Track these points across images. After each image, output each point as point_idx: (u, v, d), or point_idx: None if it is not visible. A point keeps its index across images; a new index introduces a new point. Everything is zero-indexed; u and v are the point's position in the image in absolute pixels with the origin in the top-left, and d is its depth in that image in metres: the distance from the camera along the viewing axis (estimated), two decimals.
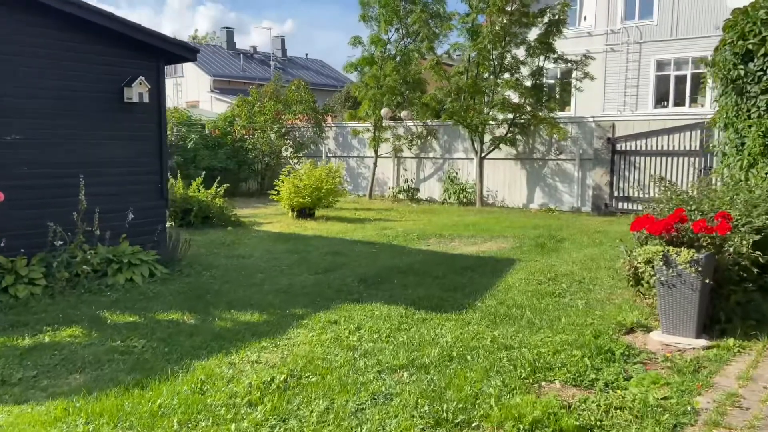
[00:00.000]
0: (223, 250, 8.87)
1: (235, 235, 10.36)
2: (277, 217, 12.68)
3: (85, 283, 6.23)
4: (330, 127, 18.26)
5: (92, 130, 6.70)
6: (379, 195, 17.06)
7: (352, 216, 12.97)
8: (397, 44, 16.05)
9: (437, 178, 16.14)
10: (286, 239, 9.87)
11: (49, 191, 6.36)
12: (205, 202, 11.18)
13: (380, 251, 8.84)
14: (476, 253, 8.74)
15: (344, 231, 10.76)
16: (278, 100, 17.85)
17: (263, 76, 36.52)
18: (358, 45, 16.13)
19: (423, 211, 14.01)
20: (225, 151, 17.05)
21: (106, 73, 6.76)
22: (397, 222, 12.09)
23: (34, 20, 6.10)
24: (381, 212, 13.76)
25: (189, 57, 7.38)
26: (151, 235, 7.25)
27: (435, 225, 11.55)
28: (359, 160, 17.70)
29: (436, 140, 16.07)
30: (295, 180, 11.97)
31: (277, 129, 17.60)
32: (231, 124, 17.72)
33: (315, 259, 8.27)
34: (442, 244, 9.49)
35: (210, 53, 40.39)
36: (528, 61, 14.39)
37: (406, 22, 15.80)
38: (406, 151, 16.56)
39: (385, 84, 15.58)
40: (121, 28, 6.64)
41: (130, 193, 7.10)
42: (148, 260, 6.84)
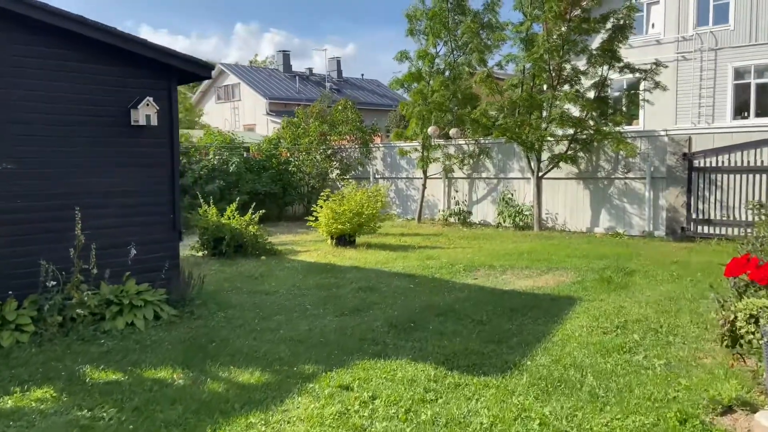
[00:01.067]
0: (248, 285, 8.12)
1: (267, 266, 9.62)
2: (315, 244, 11.90)
3: (79, 328, 5.56)
4: (377, 147, 17.48)
5: (95, 156, 6.10)
6: (428, 218, 16.06)
7: (396, 243, 12.03)
8: (446, 58, 15.13)
9: (491, 199, 15.00)
10: (319, 271, 9.03)
11: (44, 225, 5.76)
12: (238, 230, 10.53)
13: (419, 286, 7.84)
14: (530, 289, 7.60)
15: (384, 261, 9.83)
16: (324, 120, 17.24)
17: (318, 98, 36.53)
18: (405, 60, 15.34)
19: (474, 237, 12.90)
20: (269, 175, 16.54)
21: (111, 93, 6.16)
22: (445, 249, 11.05)
23: (29, 38, 5.56)
24: (428, 238, 12.76)
25: (203, 74, 6.73)
26: (162, 272, 6.56)
27: (486, 253, 10.44)
28: (408, 181, 16.80)
29: (489, 159, 14.97)
30: (334, 205, 11.17)
31: (323, 150, 16.97)
32: (276, 146, 17.24)
33: (345, 296, 7.37)
34: (492, 278, 8.39)
35: (266, 76, 40.87)
36: (590, 71, 13.14)
37: (455, 35, 14.88)
38: (457, 171, 15.53)
39: (432, 100, 14.65)
40: (126, 44, 6.04)
41: (138, 226, 6.45)
42: (153, 301, 6.13)
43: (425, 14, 14.90)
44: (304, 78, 42.61)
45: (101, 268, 5.97)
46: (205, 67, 6.65)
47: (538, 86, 13.58)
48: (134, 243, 6.36)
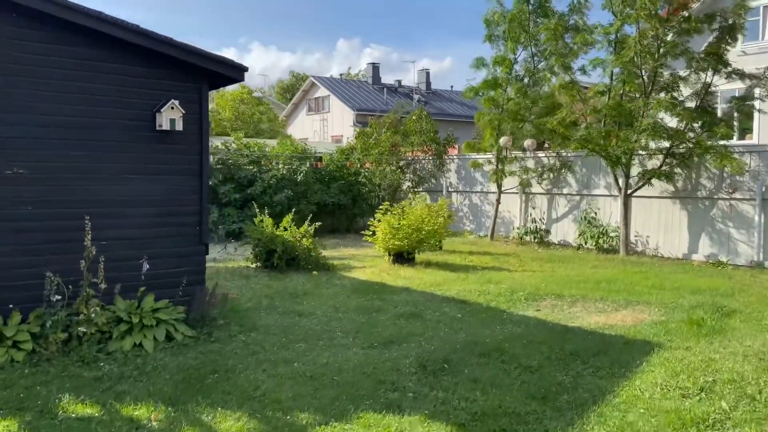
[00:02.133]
0: (286, 303, 7.54)
1: (315, 282, 9.04)
2: (373, 260, 11.20)
3: (83, 348, 5.16)
4: (451, 159, 16.58)
5: (115, 162, 5.74)
6: (503, 236, 14.93)
7: (459, 262, 11.09)
8: (525, 64, 14.03)
9: (572, 218, 13.66)
10: (366, 291, 8.31)
11: (57, 235, 5.44)
12: (290, 242, 10.04)
13: (469, 316, 6.91)
14: (599, 327, 6.45)
15: (439, 283, 8.94)
16: (396, 130, 16.59)
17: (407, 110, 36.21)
18: (481, 67, 14.37)
19: (549, 259, 11.68)
20: (339, 186, 16.10)
21: (135, 96, 5.80)
22: (511, 272, 9.98)
23: (44, 36, 5.28)
24: (497, 258, 11.69)
25: (236, 77, 6.24)
26: (185, 287, 6.09)
27: (557, 279, 9.28)
28: (482, 195, 15.75)
29: (572, 174, 13.64)
30: (392, 219, 10.43)
31: (395, 161, 16.30)
32: (348, 156, 16.80)
33: (382, 323, 6.59)
34: (557, 310, 7.29)
35: (355, 88, 41.15)
36: (690, 77, 11.58)
37: (537, 39, 13.74)
38: (535, 186, 14.31)
39: (507, 108, 13.59)
40: (151, 43, 5.65)
41: (160, 237, 6.03)
42: (168, 320, 5.66)
43: (504, 18, 13.90)
44: (392, 90, 42.51)
45: (117, 282, 5.58)
46: (237, 69, 6.16)
47: (628, 93, 12.17)
48: (155, 256, 5.94)
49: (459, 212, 16.29)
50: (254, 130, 24.40)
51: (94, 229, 5.46)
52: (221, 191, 14.23)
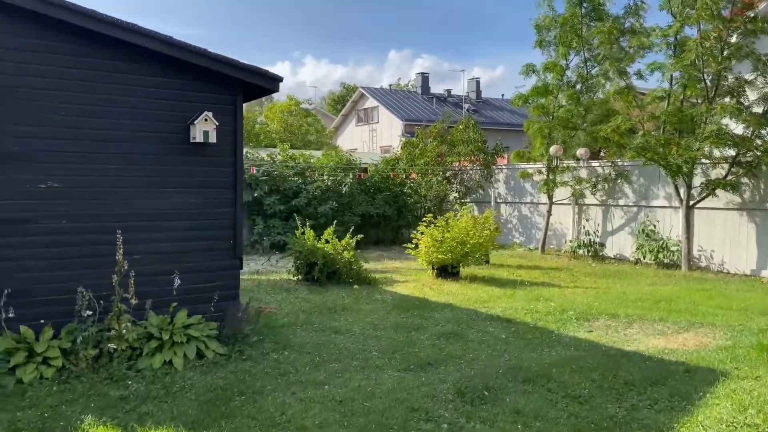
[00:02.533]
0: (323, 319, 7.32)
1: (355, 297, 8.80)
2: (417, 274, 10.88)
3: (113, 365, 5.06)
4: (500, 169, 16.10)
5: (148, 175, 5.67)
6: (554, 249, 14.32)
7: (507, 277, 10.62)
8: (577, 70, 13.46)
9: (629, 230, 12.95)
10: (407, 307, 8.00)
11: (89, 249, 5.40)
12: (331, 255, 9.85)
13: (515, 337, 6.49)
14: (659, 352, 5.93)
15: (485, 299, 8.54)
16: (443, 140, 16.26)
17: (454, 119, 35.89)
18: (531, 74, 13.89)
19: (604, 274, 11.06)
20: (384, 197, 15.88)
21: (168, 108, 5.72)
22: (562, 289, 9.46)
23: (78, 49, 5.27)
24: (547, 273, 11.16)
25: (271, 87, 6.09)
26: (218, 303, 5.95)
27: (612, 297, 8.71)
28: (533, 206, 15.20)
29: (628, 184, 12.95)
30: (435, 231, 10.09)
31: (441, 172, 15.96)
32: (393, 167, 16.58)
33: (421, 342, 6.26)
34: (611, 332, 6.78)
35: (403, 98, 41.07)
36: (758, 80, 10.80)
37: (590, 44, 13.17)
38: (588, 196, 13.68)
39: (557, 115, 13.05)
40: (184, 54, 5.57)
41: (193, 252, 5.92)
42: (199, 336, 5.52)
43: (555, 22, 13.40)
44: (441, 99, 42.24)
45: (149, 297, 5.50)
46: (271, 79, 6.01)
47: (689, 99, 11.46)
48: (188, 270, 5.84)
49: (508, 224, 15.78)
50: (302, 141, 24.55)
51: (126, 243, 5.39)
52: (266, 202, 14.24)
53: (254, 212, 14.46)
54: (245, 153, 15.13)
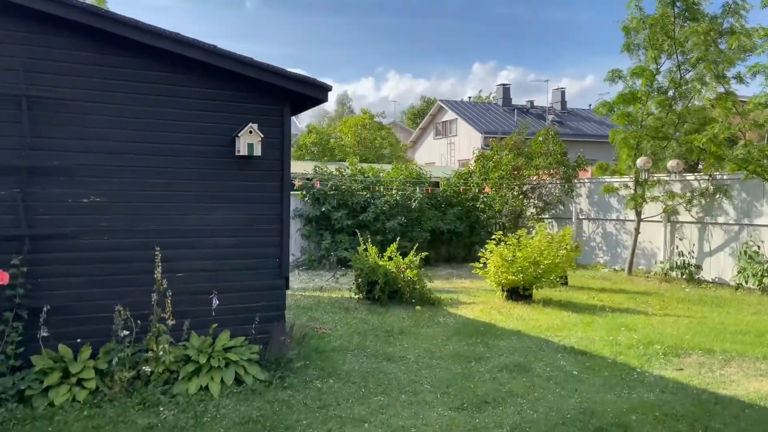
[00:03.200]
0: (377, 343, 6.84)
1: (416, 319, 8.27)
2: (485, 295, 10.18)
3: (147, 389, 4.83)
4: (582, 183, 15.04)
5: (191, 190, 5.46)
6: (642, 271, 13.10)
7: (586, 301, 9.71)
8: (669, 75, 12.31)
9: (729, 251, 11.60)
10: (470, 333, 7.37)
11: (129, 266, 5.23)
12: (393, 273, 9.38)
13: (589, 374, 5.72)
14: (761, 398, 4.99)
15: (558, 327, 7.75)
16: (519, 152, 15.43)
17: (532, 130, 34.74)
18: (617, 80, 12.85)
19: (699, 300, 9.88)
20: (455, 212, 15.26)
21: (212, 120, 5.50)
22: (649, 317, 8.47)
23: (119, 60, 5.15)
24: (634, 298, 10.12)
25: (320, 97, 5.74)
26: (261, 325, 5.64)
27: (707, 328, 7.66)
28: (618, 224, 14.04)
29: (728, 199, 11.62)
30: (505, 250, 9.38)
31: (518, 186, 15.13)
32: (466, 181, 15.92)
33: (481, 375, 5.64)
34: (705, 371, 5.85)
35: (483, 111, 40.29)
36: None
37: (684, 46, 12.01)
38: (682, 213, 12.42)
39: (646, 124, 11.95)
40: (229, 64, 5.34)
41: (236, 270, 5.64)
42: (239, 360, 5.20)
43: (644, 24, 12.35)
44: (523, 111, 41.11)
45: (189, 317, 5.27)
46: (320, 88, 5.66)
47: None
48: (230, 290, 5.58)
49: (591, 242, 14.69)
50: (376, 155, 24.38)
51: (167, 261, 5.20)
52: (334, 217, 14.02)
53: (322, 227, 14.27)
54: (314, 167, 15.04)
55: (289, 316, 8.43)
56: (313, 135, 23.68)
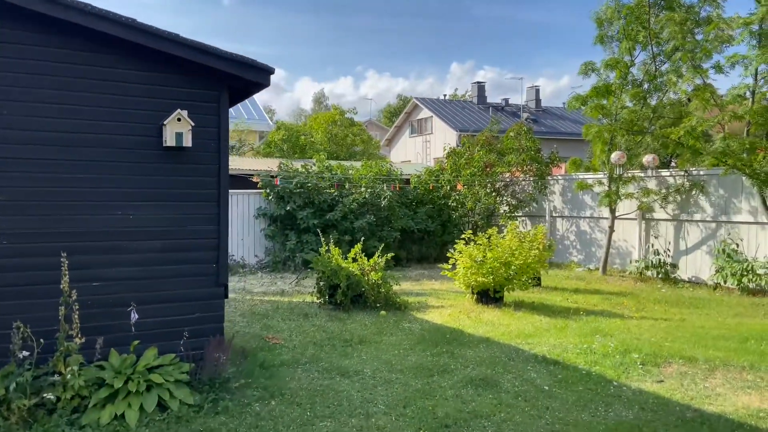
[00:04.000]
0: (333, 356, 6.21)
1: (379, 326, 7.66)
2: (455, 298, 9.62)
3: (52, 418, 4.14)
4: (556, 180, 14.59)
5: (110, 187, 4.77)
6: (617, 270, 12.69)
7: (560, 303, 9.20)
8: (644, 67, 11.90)
9: (706, 249, 11.23)
10: (436, 341, 6.78)
11: (36, 276, 4.51)
12: (356, 276, 8.76)
13: (561, 388, 5.17)
14: (751, 415, 4.49)
15: (530, 333, 7.20)
16: (491, 148, 14.92)
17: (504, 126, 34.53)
18: (591, 73, 12.40)
19: (676, 301, 9.46)
20: (427, 210, 14.69)
21: (136, 107, 4.82)
22: (625, 320, 7.98)
23: (24, 35, 4.43)
24: (609, 299, 9.65)
25: (260, 81, 5.08)
26: (194, 340, 4.96)
27: (687, 332, 7.19)
28: (593, 221, 13.61)
29: (705, 195, 11.25)
30: (475, 251, 8.82)
31: (490, 183, 14.61)
32: (437, 178, 15.36)
33: (444, 392, 5.05)
34: (687, 383, 5.34)
35: (458, 108, 39.97)
36: None
37: (660, 37, 11.60)
38: (657, 210, 12.03)
39: (620, 117, 11.51)
40: (152, 41, 4.65)
41: (164, 278, 4.96)
42: (163, 383, 4.52)
43: (619, 13, 11.90)
44: (498, 109, 40.90)
45: (108, 332, 4.58)
46: (260, 71, 5.00)
47: None
48: (158, 300, 4.90)
49: (564, 240, 14.25)
50: (347, 152, 23.72)
51: (80, 268, 4.51)
52: (300, 216, 13.34)
53: (287, 227, 13.58)
54: (279, 164, 14.33)
55: (242, 323, 7.77)
56: (282, 132, 22.90)
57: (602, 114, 11.81)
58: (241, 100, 5.78)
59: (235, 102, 5.77)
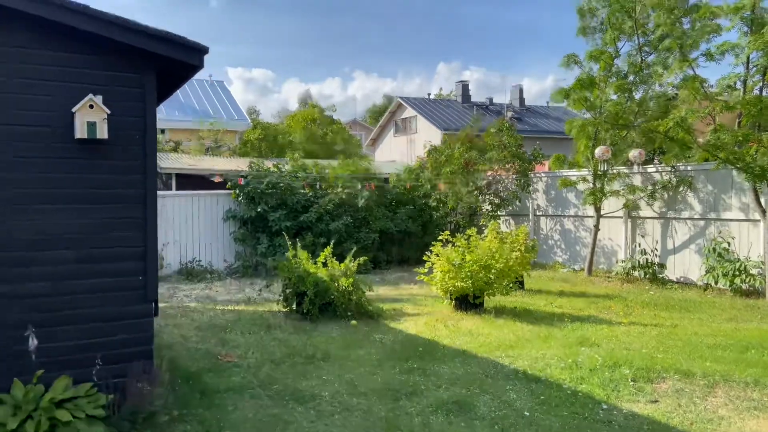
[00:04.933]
0: (289, 376, 5.52)
1: (349, 337, 7.00)
2: (434, 304, 8.97)
3: None
4: (539, 178, 14.00)
5: (14, 187, 4.04)
6: (603, 270, 12.12)
7: (543, 308, 8.59)
8: (629, 59, 11.33)
9: (695, 248, 10.69)
10: (408, 356, 6.12)
11: None
12: (325, 282, 8.07)
13: (543, 413, 4.52)
14: None
15: (511, 344, 6.56)
16: (472, 145, 14.30)
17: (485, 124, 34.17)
18: (573, 66, 11.82)
19: (666, 304, 8.89)
20: (407, 211, 14.03)
21: (45, 92, 4.09)
22: (613, 327, 7.37)
23: None
24: (595, 302, 9.06)
25: (192, 62, 4.37)
26: (113, 367, 4.25)
27: (680, 341, 6.60)
28: (577, 220, 13.04)
29: (693, 192, 10.71)
30: (453, 253, 8.18)
31: (471, 181, 13.98)
32: (418, 177, 14.71)
33: (409, 422, 4.39)
34: (685, 403, 4.72)
35: (442, 107, 39.53)
36: None
37: (646, 27, 11.04)
38: (644, 208, 11.48)
39: (605, 109, 10.94)
40: (54, 13, 3.93)
41: (80, 294, 4.24)
42: (72, 420, 3.80)
43: (604, 2, 11.33)
44: (483, 108, 40.50)
45: (8, 358, 3.85)
46: (190, 50, 4.30)
47: None
48: (71, 320, 4.17)
49: (548, 240, 13.67)
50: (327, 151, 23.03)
51: None
52: (271, 218, 12.61)
53: (259, 230, 12.84)
54: (250, 163, 13.60)
55: (196, 339, 7.04)
56: (258, 130, 22.12)
57: (586, 107, 11.24)
58: (177, 86, 5.06)
59: (171, 89, 5.07)
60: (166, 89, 4.97)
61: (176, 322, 7.98)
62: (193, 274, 12.17)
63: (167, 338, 7.03)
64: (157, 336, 7.23)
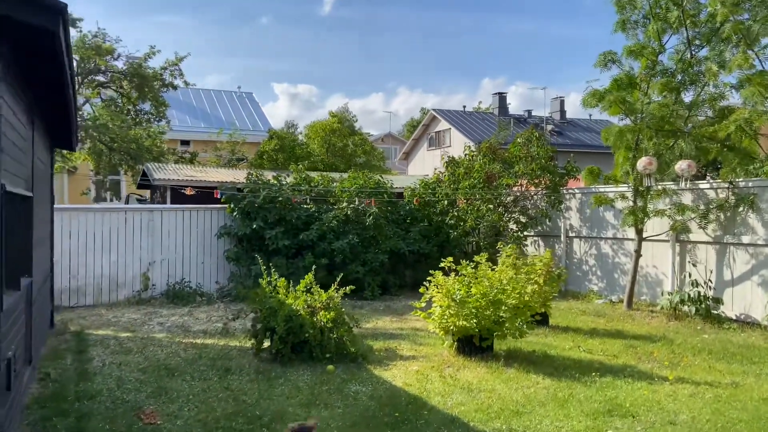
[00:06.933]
0: None
1: (317, 390, 5.64)
2: (434, 344, 7.50)
3: None
4: (572, 194, 12.36)
5: None
6: (646, 303, 10.39)
7: (568, 353, 7.01)
8: (677, 55, 9.69)
9: (759, 280, 8.90)
10: (384, 424, 4.70)
11: None
12: (298, 318, 6.73)
13: None
14: None
15: (518, 408, 5.04)
16: (495, 157, 12.79)
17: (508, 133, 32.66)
18: (611, 65, 10.23)
19: (723, 351, 7.18)
20: (420, 229, 12.60)
21: None
22: (655, 386, 5.75)
23: None
24: (634, 345, 7.42)
25: (38, 21, 3.12)
26: None
27: (746, 413, 4.95)
28: (616, 243, 11.34)
29: (756, 212, 8.95)
30: (455, 285, 6.71)
31: (495, 197, 12.46)
32: (434, 191, 13.28)
33: None
34: None
35: (477, 120, 38.09)
36: None
37: (697, 18, 9.42)
38: (696, 231, 9.74)
39: (649, 112, 9.30)
40: None
41: None
42: None
43: None
44: (521, 121, 38.82)
45: None
46: (38, 6, 3.04)
47: None
48: None
49: (582, 265, 12.00)
50: (347, 164, 21.83)
51: None
52: (268, 236, 11.38)
53: (255, 248, 11.60)
54: (248, 174, 12.43)
55: (130, 386, 5.74)
56: (274, 141, 21.11)
57: (624, 111, 9.60)
58: (38, 62, 3.82)
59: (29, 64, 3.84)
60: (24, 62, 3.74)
61: (124, 360, 6.77)
62: (180, 296, 11.02)
63: (98, 384, 5.82)
64: (91, 380, 6.05)
